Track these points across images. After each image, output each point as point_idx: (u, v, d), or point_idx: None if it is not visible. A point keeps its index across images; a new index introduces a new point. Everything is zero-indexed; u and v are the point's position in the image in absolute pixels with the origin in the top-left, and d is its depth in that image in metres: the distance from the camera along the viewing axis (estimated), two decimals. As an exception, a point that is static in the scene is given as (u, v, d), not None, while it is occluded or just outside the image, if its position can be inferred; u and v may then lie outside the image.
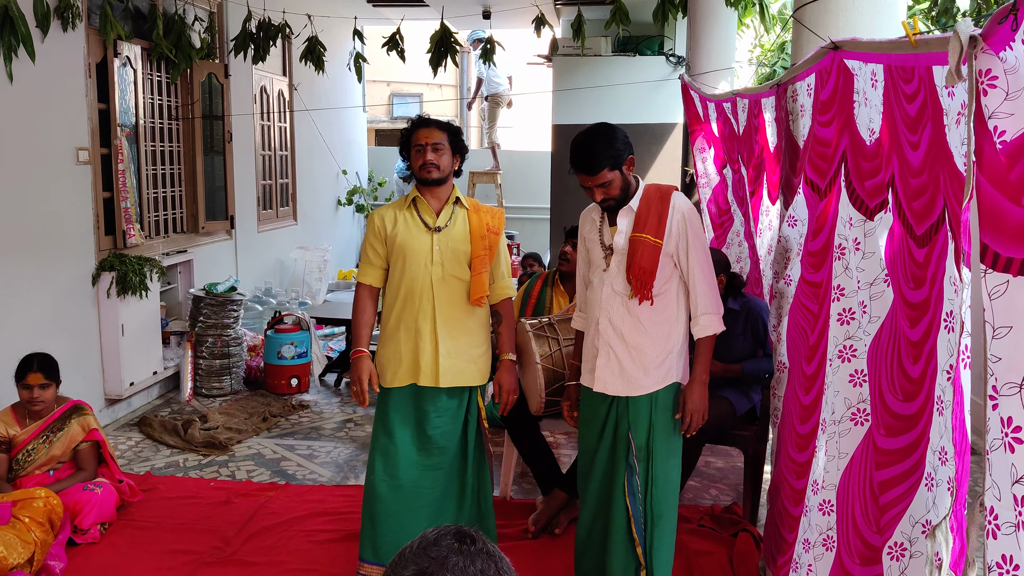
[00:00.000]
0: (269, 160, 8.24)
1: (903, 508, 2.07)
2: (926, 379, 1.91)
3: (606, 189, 2.90)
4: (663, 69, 8.35)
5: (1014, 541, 1.36)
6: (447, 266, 3.18)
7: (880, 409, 2.21)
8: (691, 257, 2.92)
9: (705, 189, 5.46)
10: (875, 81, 2.14)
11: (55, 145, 4.92)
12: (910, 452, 2.02)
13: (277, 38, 6.60)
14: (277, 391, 6.01)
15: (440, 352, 3.17)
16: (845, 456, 2.43)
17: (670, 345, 2.97)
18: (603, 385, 2.99)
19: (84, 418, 3.93)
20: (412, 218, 3.22)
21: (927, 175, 1.85)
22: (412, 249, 3.18)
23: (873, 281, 2.25)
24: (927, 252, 1.88)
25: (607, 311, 2.97)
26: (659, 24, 6.12)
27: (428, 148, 3.18)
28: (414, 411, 3.24)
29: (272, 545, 3.74)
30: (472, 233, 3.22)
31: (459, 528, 1.22)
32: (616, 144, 2.87)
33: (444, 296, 3.18)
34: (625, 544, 2.98)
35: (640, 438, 2.95)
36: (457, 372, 3.21)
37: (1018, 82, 1.32)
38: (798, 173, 2.92)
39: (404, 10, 8.77)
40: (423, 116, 3.31)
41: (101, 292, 5.24)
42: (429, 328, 3.18)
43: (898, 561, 2.12)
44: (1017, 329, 1.33)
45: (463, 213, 3.26)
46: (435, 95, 18.07)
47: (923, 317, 1.90)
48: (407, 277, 3.17)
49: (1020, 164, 1.31)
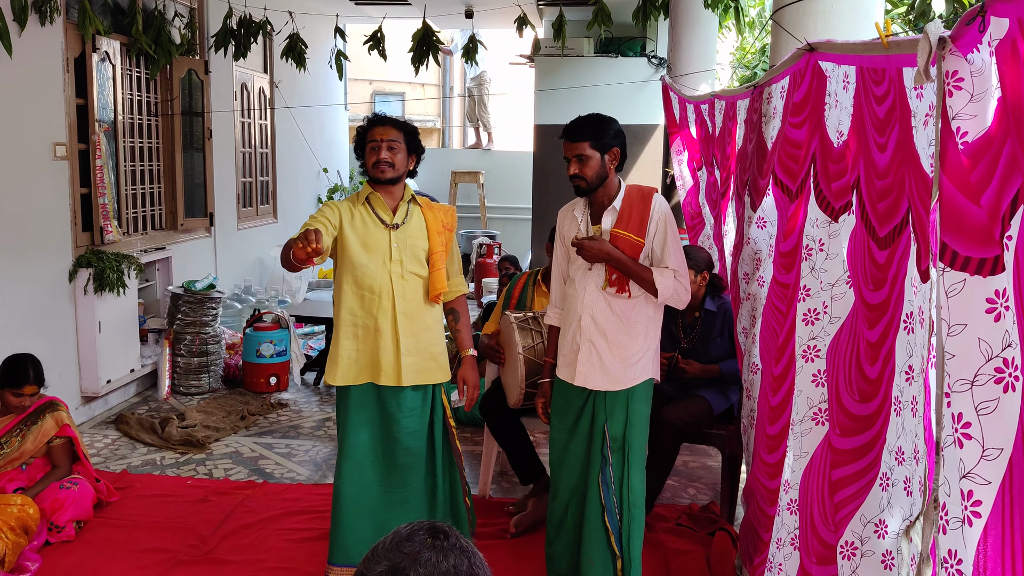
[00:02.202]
0: (249, 157, 8.19)
1: (855, 507, 2.10)
2: (883, 380, 1.94)
3: (581, 164, 3.00)
4: (645, 70, 8.38)
5: (960, 536, 1.38)
6: (406, 263, 3.15)
7: (836, 410, 2.24)
8: (667, 248, 3.02)
9: (681, 191, 5.50)
10: (847, 83, 2.17)
11: (32, 140, 4.87)
12: (865, 452, 2.05)
13: (258, 35, 6.57)
14: (256, 389, 5.98)
15: (401, 350, 3.13)
16: (806, 456, 2.46)
17: (648, 342, 3.07)
18: (583, 379, 3.05)
19: (57, 414, 3.90)
20: (368, 215, 3.16)
21: (892, 177, 1.87)
22: (370, 246, 3.12)
23: (835, 282, 2.29)
24: (889, 254, 1.90)
25: (590, 308, 3.04)
26: (641, 26, 6.14)
27: (383, 146, 3.12)
28: (378, 412, 3.20)
29: (249, 544, 3.73)
30: (429, 229, 3.21)
31: (432, 524, 1.22)
32: (606, 129, 3.01)
33: (404, 293, 3.14)
34: (600, 533, 3.04)
35: (617, 430, 3.03)
36: (419, 370, 3.18)
37: (983, 84, 1.34)
38: (765, 175, 2.94)
39: (386, 8, 8.75)
40: (378, 114, 3.24)
41: (78, 289, 5.20)
42: (389, 326, 3.13)
43: (849, 560, 2.14)
44: (971, 327, 1.36)
45: (417, 210, 3.24)
46: (417, 94, 18.05)
47: (881, 318, 1.93)
48: (366, 274, 3.11)
49: (981, 165, 1.33)
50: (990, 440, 1.37)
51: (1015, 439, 1.36)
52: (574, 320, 3.09)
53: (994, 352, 1.37)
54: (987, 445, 1.37)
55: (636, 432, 3.06)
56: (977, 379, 1.38)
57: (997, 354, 1.36)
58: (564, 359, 3.14)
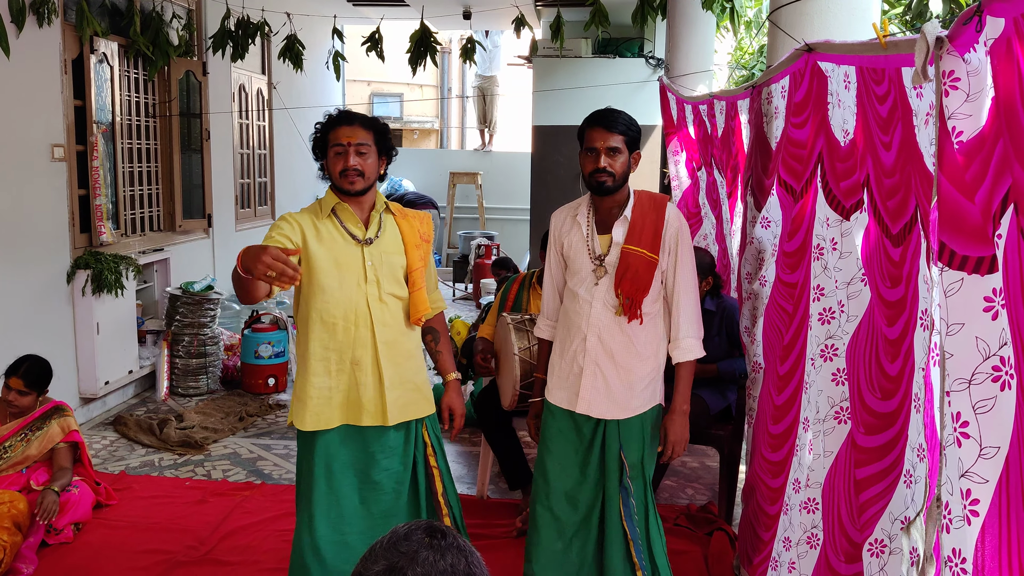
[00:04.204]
0: (247, 159, 8.20)
1: (883, 505, 2.09)
2: (904, 377, 1.93)
3: (612, 158, 2.67)
4: (643, 71, 8.39)
5: (963, 535, 1.38)
6: (384, 283, 2.70)
7: (859, 407, 2.23)
8: (679, 275, 2.78)
9: (676, 192, 5.50)
10: (848, 83, 2.17)
11: (30, 142, 4.87)
12: (889, 449, 2.04)
13: (256, 36, 6.57)
14: (254, 390, 5.97)
15: (385, 384, 2.69)
16: (830, 455, 2.44)
17: (658, 365, 2.83)
18: (587, 406, 2.79)
19: (64, 419, 3.90)
20: (336, 229, 2.69)
21: (899, 175, 1.87)
22: (341, 266, 2.66)
23: (850, 281, 2.28)
24: (902, 251, 1.90)
25: (596, 328, 2.76)
26: (638, 26, 6.15)
27: (351, 151, 2.66)
28: (355, 454, 2.75)
29: (247, 544, 3.72)
30: (406, 243, 2.76)
31: (429, 523, 1.23)
32: (637, 128, 2.74)
33: (383, 319, 2.70)
34: (627, 570, 2.82)
35: (634, 456, 2.80)
36: (405, 404, 2.76)
37: (979, 84, 1.34)
38: (770, 175, 2.94)
39: (384, 9, 8.76)
40: (344, 110, 2.76)
41: (76, 290, 5.20)
42: (370, 357, 2.69)
43: (878, 558, 2.14)
44: (969, 326, 1.36)
45: (391, 221, 2.79)
46: (415, 95, 18.05)
47: (900, 315, 1.93)
48: (339, 300, 2.65)
49: (975, 164, 1.34)
50: (987, 439, 1.37)
51: (1012, 437, 1.36)
52: (576, 339, 2.79)
53: (992, 350, 1.37)
54: (984, 444, 1.37)
55: (649, 457, 2.84)
56: (975, 378, 1.38)
57: (994, 352, 1.37)
58: (560, 382, 2.85)
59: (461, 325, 6.54)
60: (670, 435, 2.81)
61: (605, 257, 2.77)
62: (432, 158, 12.81)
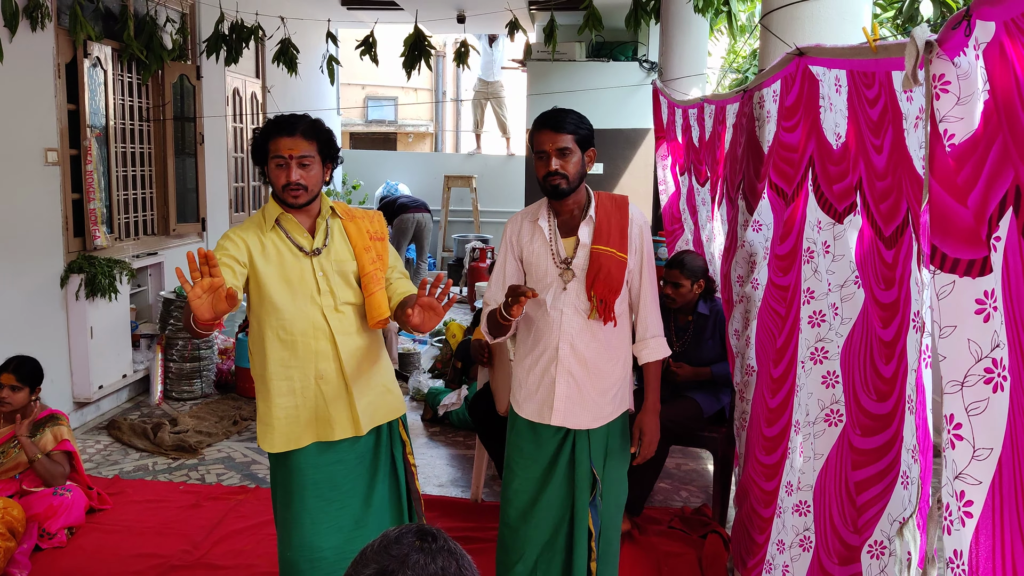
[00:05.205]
0: (242, 162, 8.19)
1: (881, 507, 2.10)
2: (898, 378, 1.94)
3: (563, 160, 2.60)
4: (637, 75, 8.41)
5: (960, 536, 1.39)
6: (338, 292, 2.61)
7: (855, 409, 2.24)
8: (644, 275, 2.77)
9: (663, 196, 5.52)
10: (839, 86, 2.18)
11: (23, 146, 4.86)
12: (886, 451, 2.05)
13: (250, 40, 6.57)
14: (248, 394, 5.95)
15: (354, 394, 2.62)
16: (820, 457, 2.45)
17: (626, 367, 2.82)
18: (562, 418, 2.72)
19: (57, 428, 3.88)
20: (282, 242, 2.58)
21: (891, 178, 1.88)
22: (292, 280, 2.56)
23: (844, 283, 2.28)
24: (895, 253, 1.91)
25: (569, 335, 2.70)
26: (632, 30, 6.17)
27: (292, 164, 2.52)
28: (328, 467, 2.67)
29: (241, 549, 3.72)
30: (355, 247, 2.66)
31: (420, 526, 1.23)
32: (587, 124, 2.67)
33: (342, 328, 2.61)
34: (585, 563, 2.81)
35: (599, 465, 2.78)
36: (376, 409, 2.70)
37: (969, 87, 1.35)
38: (762, 178, 2.95)
39: (378, 13, 8.77)
40: (284, 118, 2.58)
41: (70, 294, 5.19)
42: (335, 370, 2.61)
43: (878, 559, 2.14)
44: (961, 329, 1.37)
45: (338, 225, 2.68)
46: (410, 98, 18.05)
47: (895, 317, 1.94)
48: (295, 316, 2.56)
49: (967, 167, 1.34)
50: (980, 440, 1.38)
51: (1004, 439, 1.37)
52: (547, 349, 2.72)
53: (984, 352, 1.37)
54: (977, 445, 1.38)
55: (612, 467, 2.81)
56: (967, 380, 1.38)
57: (987, 354, 1.37)
58: (529, 394, 2.77)
59: (456, 328, 6.55)
60: (645, 434, 2.80)
61: (572, 260, 2.72)
62: (427, 161, 12.82)
